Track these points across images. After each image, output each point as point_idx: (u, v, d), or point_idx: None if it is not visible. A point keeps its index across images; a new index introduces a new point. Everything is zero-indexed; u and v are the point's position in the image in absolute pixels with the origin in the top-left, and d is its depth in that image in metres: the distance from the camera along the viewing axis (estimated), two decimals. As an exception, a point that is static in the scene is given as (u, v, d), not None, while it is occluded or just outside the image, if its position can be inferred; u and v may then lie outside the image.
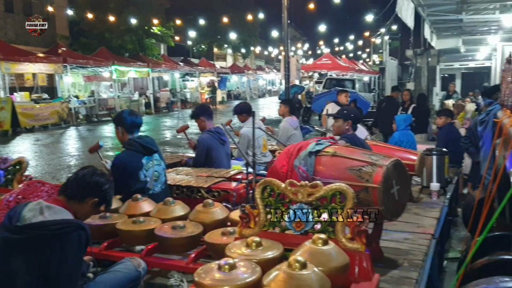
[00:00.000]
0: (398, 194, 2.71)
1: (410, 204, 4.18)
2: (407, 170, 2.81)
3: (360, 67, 27.77)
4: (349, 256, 1.77)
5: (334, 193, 1.89)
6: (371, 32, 36.47)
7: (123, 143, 3.37)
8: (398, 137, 6.11)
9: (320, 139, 3.03)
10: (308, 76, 27.73)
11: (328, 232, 1.86)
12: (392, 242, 3.17)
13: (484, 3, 10.84)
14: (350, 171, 2.70)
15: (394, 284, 2.54)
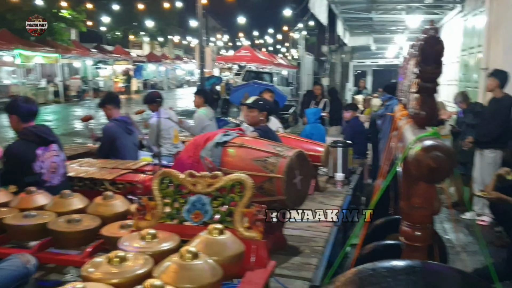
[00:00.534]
0: (301, 184, 2.79)
1: (316, 193, 4.36)
2: (309, 160, 2.90)
3: (279, 61, 28.26)
4: (246, 244, 1.79)
5: (234, 183, 1.89)
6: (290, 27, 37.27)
7: (18, 132, 3.13)
8: (309, 130, 6.32)
9: (228, 130, 3.04)
10: (228, 68, 27.74)
11: (227, 222, 1.86)
12: (297, 230, 3.27)
13: (392, 3, 11.50)
14: (256, 162, 2.73)
15: (295, 270, 2.62)
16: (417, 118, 1.69)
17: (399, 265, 1.50)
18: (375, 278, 1.47)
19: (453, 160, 1.31)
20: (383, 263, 1.56)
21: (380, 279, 1.46)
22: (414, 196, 1.65)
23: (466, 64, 9.08)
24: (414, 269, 1.46)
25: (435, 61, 1.63)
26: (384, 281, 1.45)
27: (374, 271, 1.50)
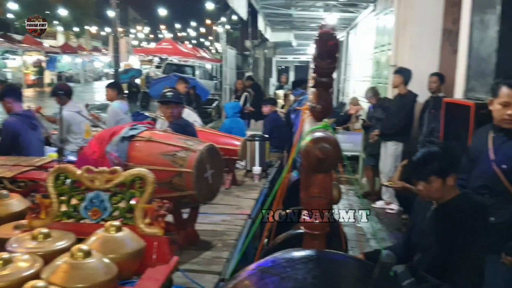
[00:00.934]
0: (213, 178, 2.77)
1: (233, 187, 4.37)
2: (222, 154, 2.89)
3: (202, 54, 28.06)
4: (147, 241, 1.74)
5: (134, 178, 1.83)
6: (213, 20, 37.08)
7: None
8: (228, 124, 6.34)
9: (136, 124, 2.95)
10: (149, 60, 27.05)
11: (127, 219, 1.80)
12: (211, 225, 3.26)
13: (310, 1, 11.82)
14: (164, 157, 2.67)
15: (205, 265, 2.61)
16: (314, 111, 1.74)
17: (297, 255, 1.55)
18: (274, 269, 1.50)
19: (339, 150, 1.36)
20: (283, 254, 1.60)
21: (279, 269, 1.50)
22: (312, 186, 1.70)
23: (378, 61, 9.56)
24: (310, 258, 1.52)
25: (330, 56, 1.68)
26: (284, 271, 1.49)
27: (274, 263, 1.54)
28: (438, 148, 2.19)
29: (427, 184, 2.18)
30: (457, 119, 3.44)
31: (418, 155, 2.20)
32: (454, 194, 2.24)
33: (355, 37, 13.79)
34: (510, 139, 2.65)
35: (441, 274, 2.18)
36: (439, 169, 2.15)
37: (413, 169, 2.22)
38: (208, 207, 3.51)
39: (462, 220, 2.14)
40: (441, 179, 2.16)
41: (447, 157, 2.18)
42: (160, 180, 2.67)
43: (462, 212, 2.17)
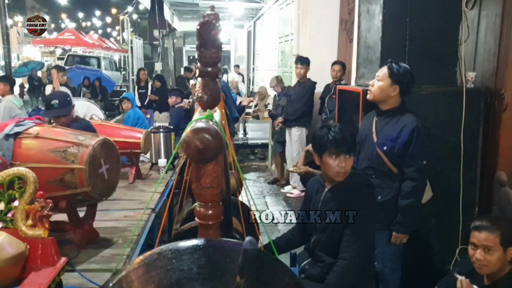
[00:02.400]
0: (108, 173, 2.68)
1: (138, 181, 4.25)
2: (116, 148, 2.80)
3: (109, 45, 26.90)
4: (30, 244, 1.65)
5: (12, 178, 1.72)
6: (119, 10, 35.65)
7: None
8: (133, 115, 6.15)
9: (22, 120, 2.76)
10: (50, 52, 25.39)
11: (6, 222, 1.69)
12: (112, 221, 3.15)
13: (216, -10, 11.79)
14: (54, 153, 2.53)
15: (104, 263, 2.52)
16: (201, 101, 1.73)
17: (184, 245, 1.54)
18: (160, 262, 1.49)
19: (220, 141, 1.37)
20: (170, 245, 1.59)
21: (165, 261, 1.48)
22: (203, 176, 1.70)
23: (283, 50, 9.80)
24: (197, 247, 1.52)
25: (213, 45, 1.68)
26: (170, 263, 1.47)
27: (160, 255, 1.52)
28: (344, 128, 2.39)
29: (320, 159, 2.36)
30: (349, 105, 3.63)
31: (337, 131, 2.33)
32: None
33: (261, 27, 14.00)
34: (389, 121, 2.85)
35: (336, 253, 2.31)
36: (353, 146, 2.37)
37: (338, 145, 2.32)
38: (110, 203, 3.41)
39: (351, 198, 2.29)
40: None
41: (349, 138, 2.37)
42: (51, 178, 2.55)
43: (351, 190, 2.32)
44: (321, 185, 2.48)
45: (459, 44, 3.37)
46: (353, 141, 2.36)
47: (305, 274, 2.44)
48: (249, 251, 1.16)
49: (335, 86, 5.89)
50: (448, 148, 3.30)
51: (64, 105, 3.64)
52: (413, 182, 2.77)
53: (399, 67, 2.79)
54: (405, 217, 2.78)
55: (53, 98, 3.67)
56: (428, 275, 3.22)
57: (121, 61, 25.91)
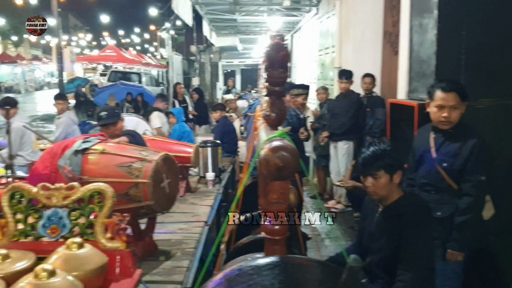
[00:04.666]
0: (169, 187, 2.78)
1: (188, 194, 4.36)
2: (177, 163, 2.89)
3: (147, 60, 27.64)
4: (110, 256, 1.73)
5: (92, 193, 1.81)
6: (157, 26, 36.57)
7: None
8: (179, 129, 6.30)
9: (88, 136, 2.90)
10: (92, 68, 26.33)
11: (87, 234, 1.78)
12: (168, 234, 3.25)
13: (254, 5, 11.95)
14: (120, 168, 2.65)
15: (166, 275, 2.60)
16: (268, 119, 1.79)
17: (262, 262, 1.59)
18: (241, 277, 1.54)
19: (297, 158, 1.42)
20: (249, 262, 1.64)
21: (246, 277, 1.53)
22: (270, 192, 1.75)
23: (323, 63, 9.82)
24: (276, 264, 1.57)
25: (281, 66, 1.74)
26: (251, 279, 1.53)
27: (241, 271, 1.57)
28: (386, 145, 2.32)
29: (375, 180, 2.29)
30: (402, 119, 3.61)
31: (368, 151, 2.31)
32: (398, 196, 2.36)
33: (299, 40, 14.07)
34: (448, 139, 2.82)
35: (393, 273, 2.29)
36: (387, 164, 2.27)
37: (363, 165, 2.31)
38: (165, 216, 3.50)
39: (406, 219, 2.25)
40: (388, 175, 2.28)
41: (394, 154, 2.32)
42: (117, 192, 2.62)
43: (405, 211, 2.28)
44: (375, 205, 2.47)
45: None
46: (385, 161, 2.27)
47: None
48: (354, 268, 1.19)
49: (367, 98, 5.89)
50: (508, 163, 3.23)
51: (111, 116, 3.82)
52: (470, 198, 2.72)
53: (459, 84, 2.76)
54: (461, 234, 2.73)
55: (102, 111, 3.91)
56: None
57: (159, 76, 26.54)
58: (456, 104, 2.73)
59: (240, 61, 28.08)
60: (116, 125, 3.76)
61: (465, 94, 2.74)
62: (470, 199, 2.70)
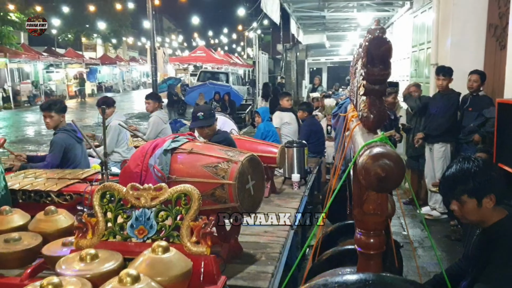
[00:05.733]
0: (254, 189, 2.71)
1: (273, 195, 4.29)
2: (262, 164, 2.81)
3: (235, 60, 28.21)
4: (194, 260, 1.69)
5: (179, 195, 1.78)
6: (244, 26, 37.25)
7: None
8: (263, 128, 6.25)
9: (177, 136, 2.92)
10: (183, 69, 27.42)
11: (173, 237, 1.75)
12: (253, 236, 3.19)
13: (343, 1, 11.63)
14: (206, 168, 2.63)
15: (250, 280, 2.54)
16: (366, 121, 1.63)
17: (351, 279, 1.45)
18: (326, 293, 1.42)
19: (402, 167, 1.25)
20: (335, 277, 1.51)
21: (332, 293, 1.41)
22: (366, 202, 1.60)
23: (417, 60, 9.28)
24: (366, 283, 1.41)
25: (382, 62, 1.57)
26: (336, 296, 1.40)
27: (326, 286, 1.44)
28: (472, 165, 1.94)
29: (460, 204, 1.96)
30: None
31: (449, 172, 1.97)
32: (499, 217, 1.98)
33: (391, 36, 13.45)
34: None
35: None
36: (471, 189, 1.90)
37: (444, 187, 2.01)
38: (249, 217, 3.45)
39: (499, 245, 1.91)
40: (475, 200, 1.92)
41: (483, 175, 1.92)
42: (203, 193, 2.61)
43: (503, 236, 1.92)
44: (474, 227, 2.16)
45: None
46: (468, 185, 1.89)
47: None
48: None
49: (471, 97, 5.36)
50: None
51: (208, 117, 3.82)
52: None
53: None
54: None
55: (199, 111, 3.90)
56: None
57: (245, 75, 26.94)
58: None
59: (327, 58, 27.64)
60: (212, 126, 3.79)
61: None
62: None
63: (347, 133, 3.11)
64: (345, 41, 21.11)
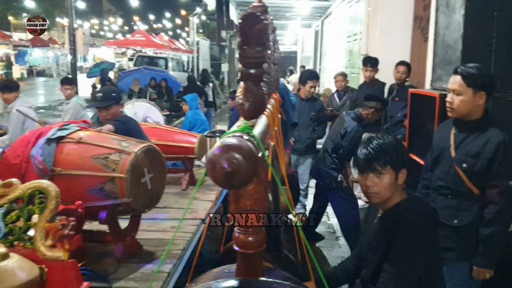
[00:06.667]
0: (151, 183, 2.49)
1: (191, 188, 4.08)
2: (162, 156, 2.60)
3: (178, 45, 27.52)
4: (49, 266, 1.47)
5: (33, 192, 1.55)
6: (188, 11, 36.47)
7: None
8: (191, 117, 6.01)
9: (67, 123, 2.64)
10: (122, 53, 26.44)
11: (24, 240, 1.52)
12: (158, 233, 2.97)
13: (282, -11, 11.54)
14: (95, 160, 2.38)
15: (143, 281, 2.32)
16: (241, 109, 1.46)
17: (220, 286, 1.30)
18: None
19: (254, 163, 1.09)
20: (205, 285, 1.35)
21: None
22: (243, 197, 1.44)
23: (351, 50, 9.37)
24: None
25: (258, 43, 1.40)
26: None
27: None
28: (390, 140, 1.97)
29: (378, 178, 1.92)
30: (424, 112, 3.22)
31: (372, 145, 1.95)
32: (400, 199, 1.97)
33: (329, 26, 13.56)
34: (469, 136, 2.43)
35: None
36: (394, 160, 1.92)
37: (366, 160, 1.94)
38: (159, 211, 3.24)
39: (402, 227, 1.87)
40: (394, 173, 1.92)
41: (402, 148, 1.99)
42: (91, 187, 2.39)
43: (404, 217, 1.90)
44: (376, 210, 2.11)
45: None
46: (392, 156, 1.92)
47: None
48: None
49: (398, 88, 5.42)
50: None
51: (106, 99, 3.53)
52: (496, 207, 2.33)
53: (473, 69, 2.37)
54: (488, 248, 2.35)
55: (99, 92, 3.67)
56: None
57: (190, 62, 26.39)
58: (459, 90, 2.39)
59: (271, 48, 27.60)
60: (109, 109, 3.46)
61: (475, 81, 2.36)
62: (496, 208, 2.31)
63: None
64: (287, 30, 21.13)
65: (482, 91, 2.35)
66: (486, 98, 2.36)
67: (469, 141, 2.41)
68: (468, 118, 2.42)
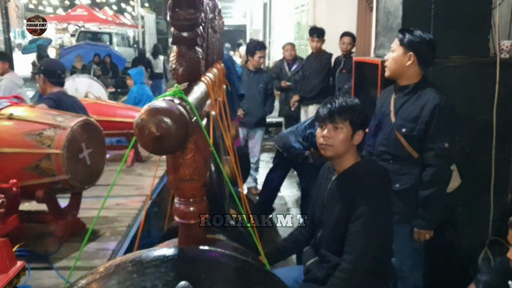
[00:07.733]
0: (91, 159, 2.39)
1: (137, 164, 3.97)
2: (101, 130, 2.50)
3: (123, 20, 26.52)
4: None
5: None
6: (133, -16, 35.05)
7: None
8: (136, 91, 5.82)
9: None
10: (63, 29, 25.18)
11: None
12: (102, 211, 2.87)
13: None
14: (29, 137, 2.25)
15: (87, 259, 2.25)
16: (175, 74, 1.40)
17: (149, 256, 1.24)
18: (117, 276, 1.19)
19: (184, 127, 1.05)
20: (132, 255, 1.29)
21: (124, 275, 1.18)
22: (182, 167, 1.39)
23: (299, 22, 9.34)
24: (165, 259, 1.22)
25: (190, 4, 1.33)
26: (129, 278, 1.18)
27: (118, 267, 1.22)
28: (357, 101, 2.05)
29: (335, 130, 1.98)
30: (368, 80, 3.26)
31: (339, 100, 2.01)
32: (355, 161, 2.04)
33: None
34: (407, 100, 2.48)
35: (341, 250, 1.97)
36: (354, 118, 1.98)
37: (329, 113, 1.99)
38: (102, 189, 3.13)
39: (360, 186, 1.93)
40: (351, 130, 1.98)
41: (362, 112, 2.03)
42: (26, 165, 2.26)
43: (360, 177, 1.96)
44: (330, 172, 2.13)
45: (492, 8, 2.94)
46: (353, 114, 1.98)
47: (309, 275, 2.11)
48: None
49: (345, 59, 5.47)
50: (478, 127, 2.92)
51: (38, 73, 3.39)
52: (433, 169, 2.40)
53: (411, 32, 2.44)
54: (427, 210, 2.43)
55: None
56: (454, 270, 2.89)
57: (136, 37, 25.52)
58: (393, 47, 2.50)
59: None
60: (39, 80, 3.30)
61: (405, 41, 2.44)
62: (433, 170, 2.39)
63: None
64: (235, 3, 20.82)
65: (411, 52, 2.40)
66: (416, 62, 2.41)
67: (408, 106, 2.46)
68: (404, 82, 2.47)
